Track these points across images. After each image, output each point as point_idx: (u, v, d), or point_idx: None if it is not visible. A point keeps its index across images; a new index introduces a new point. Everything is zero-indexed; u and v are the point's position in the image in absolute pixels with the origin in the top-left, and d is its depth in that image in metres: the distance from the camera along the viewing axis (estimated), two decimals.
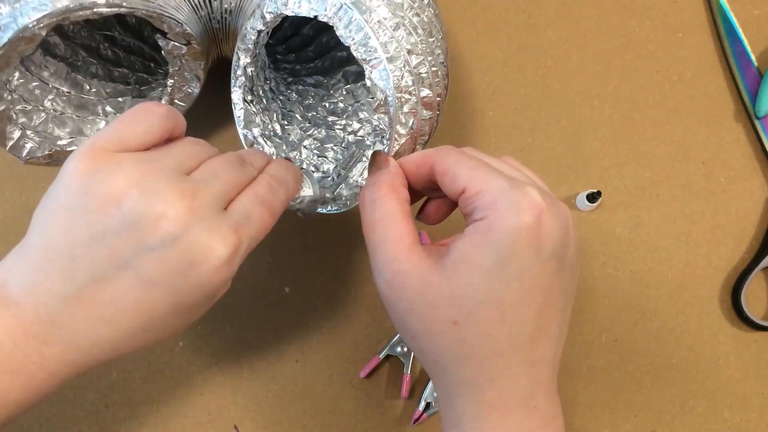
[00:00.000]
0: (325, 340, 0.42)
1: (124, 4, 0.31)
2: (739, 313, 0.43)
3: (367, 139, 0.41)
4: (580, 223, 0.44)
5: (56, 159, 0.38)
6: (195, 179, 0.26)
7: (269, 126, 0.41)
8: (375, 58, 0.31)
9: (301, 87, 0.44)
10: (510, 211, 0.24)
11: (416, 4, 0.34)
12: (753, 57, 0.47)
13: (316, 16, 0.31)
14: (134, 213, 0.24)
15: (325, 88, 0.44)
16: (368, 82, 0.31)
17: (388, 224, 0.26)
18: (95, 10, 0.31)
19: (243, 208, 0.27)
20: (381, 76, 0.31)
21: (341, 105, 0.43)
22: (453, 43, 0.48)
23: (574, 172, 0.45)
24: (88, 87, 0.41)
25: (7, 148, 0.36)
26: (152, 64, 0.42)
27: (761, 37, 0.48)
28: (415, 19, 0.33)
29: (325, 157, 0.41)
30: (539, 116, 0.46)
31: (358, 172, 0.38)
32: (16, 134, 0.36)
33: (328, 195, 0.37)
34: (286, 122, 0.42)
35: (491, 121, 0.46)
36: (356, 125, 0.42)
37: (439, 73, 0.34)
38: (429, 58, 0.33)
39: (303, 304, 0.43)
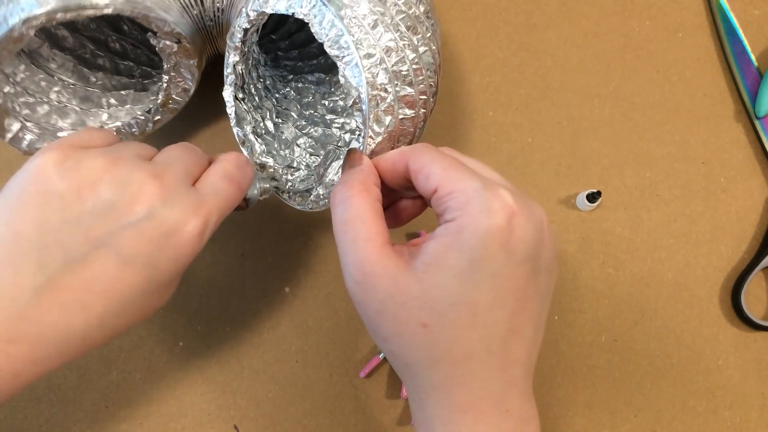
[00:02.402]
0: (325, 340, 0.42)
1: (110, 7, 0.32)
2: (739, 313, 0.43)
3: (344, 138, 0.41)
4: (580, 223, 0.44)
5: None
6: (159, 162, 0.27)
7: (261, 124, 0.41)
8: (347, 55, 0.31)
9: (300, 84, 0.44)
10: (482, 212, 0.23)
11: (401, 2, 0.34)
12: (753, 57, 0.47)
13: (293, 14, 0.32)
14: (110, 194, 0.25)
15: (327, 85, 0.44)
16: (342, 80, 0.31)
17: (358, 224, 0.25)
18: (81, 12, 0.31)
19: (210, 183, 0.28)
20: (353, 73, 0.31)
21: (341, 103, 0.43)
22: (453, 43, 0.48)
23: (574, 172, 0.45)
24: (93, 79, 0.41)
25: (6, 140, 0.36)
26: (156, 58, 0.43)
27: (761, 37, 0.48)
28: (398, 17, 0.33)
29: (318, 156, 0.41)
30: (539, 116, 0.46)
31: (334, 171, 0.38)
32: (15, 126, 0.36)
33: (271, 185, 0.37)
34: (280, 120, 0.42)
35: (491, 121, 0.46)
36: (354, 124, 0.42)
37: (424, 71, 0.34)
38: (411, 56, 0.33)
39: (303, 304, 0.43)
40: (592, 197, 0.43)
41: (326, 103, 0.43)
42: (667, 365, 0.42)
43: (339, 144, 0.41)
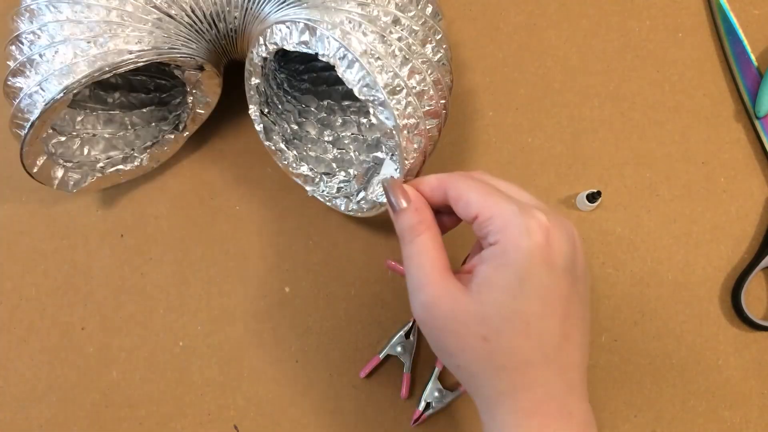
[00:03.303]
0: (325, 340, 0.42)
1: (141, 59, 0.33)
2: (739, 313, 0.43)
3: (363, 123, 0.42)
4: (580, 223, 0.44)
5: (101, 185, 0.41)
6: None
7: (287, 130, 0.42)
8: (377, 98, 0.31)
9: (314, 74, 0.44)
10: (521, 234, 0.26)
11: (412, 14, 0.34)
12: (753, 57, 0.47)
13: (317, 54, 0.32)
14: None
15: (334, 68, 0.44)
16: (373, 119, 0.32)
17: (424, 255, 0.28)
18: (116, 71, 0.33)
19: None
20: (385, 115, 0.32)
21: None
22: (453, 43, 0.48)
23: (574, 172, 0.45)
24: (111, 100, 0.42)
25: (55, 186, 0.38)
26: (167, 67, 0.43)
27: (761, 37, 0.48)
28: (411, 37, 0.33)
29: (344, 148, 0.42)
30: (539, 116, 0.46)
31: (374, 186, 0.39)
32: (60, 173, 0.38)
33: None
34: (303, 119, 0.43)
35: (491, 121, 0.46)
36: (364, 120, 0.43)
37: (441, 79, 0.34)
38: (429, 70, 0.33)
39: (303, 304, 0.43)
40: (592, 197, 0.43)
41: (339, 88, 0.43)
42: (667, 365, 0.42)
43: (360, 129, 0.42)
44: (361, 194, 0.39)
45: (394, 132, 0.32)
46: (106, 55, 0.33)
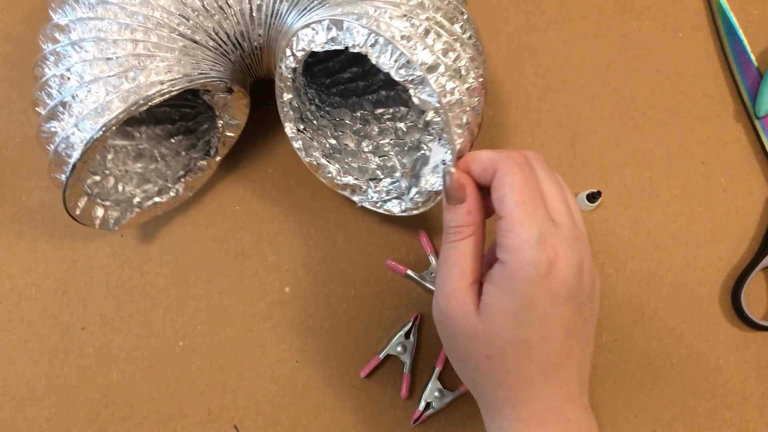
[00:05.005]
0: (325, 340, 0.42)
1: (174, 88, 0.33)
2: (739, 313, 0.43)
3: (401, 128, 0.42)
4: None
5: (140, 219, 0.40)
6: None
7: (326, 144, 0.41)
8: (416, 76, 0.31)
9: (341, 87, 0.44)
10: (530, 265, 0.26)
11: None
12: (753, 57, 0.47)
13: (347, 47, 0.32)
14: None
15: (363, 77, 0.44)
16: (415, 100, 0.31)
17: (458, 262, 0.29)
18: (149, 103, 0.33)
19: None
20: (425, 92, 0.31)
21: (383, 93, 0.43)
22: None
23: (574, 172, 0.45)
24: (137, 134, 0.42)
25: (97, 226, 0.38)
26: (189, 96, 0.43)
27: (761, 37, 0.48)
28: (438, 15, 0.33)
29: (385, 154, 0.41)
30: (539, 116, 0.46)
31: (426, 178, 0.38)
32: (100, 212, 0.38)
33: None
34: (339, 133, 0.42)
35: (491, 121, 0.46)
36: (404, 109, 0.42)
37: (475, 55, 0.34)
38: (462, 47, 0.33)
39: (303, 304, 0.43)
40: (592, 197, 0.43)
41: (370, 98, 0.43)
42: (667, 365, 0.42)
43: (398, 134, 0.42)
44: (413, 190, 0.38)
45: (439, 108, 0.31)
46: (139, 89, 0.33)
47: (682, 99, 0.47)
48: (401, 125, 0.42)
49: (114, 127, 0.32)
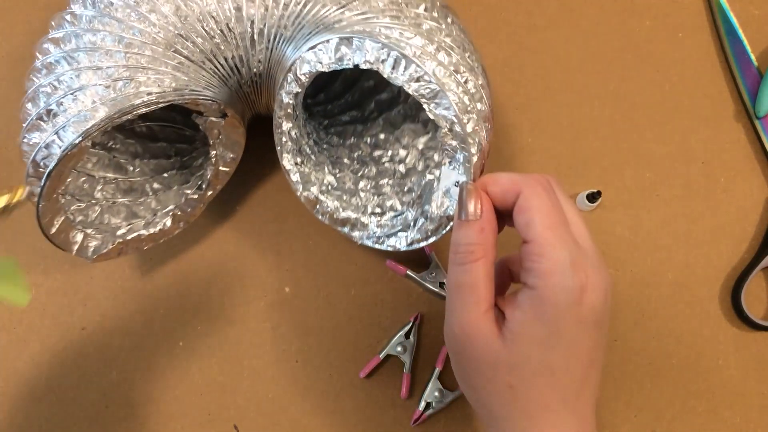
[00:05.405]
0: (325, 340, 0.42)
1: (161, 100, 0.32)
2: (739, 313, 0.43)
3: (399, 170, 0.41)
4: None
5: (122, 251, 0.38)
6: None
7: (324, 181, 0.40)
8: (431, 89, 0.30)
9: (339, 128, 0.43)
10: (563, 290, 0.26)
11: (443, 26, 0.34)
12: (753, 57, 0.47)
13: (356, 65, 0.31)
14: None
15: (362, 121, 0.43)
16: (430, 115, 0.31)
17: (472, 289, 0.28)
18: (135, 112, 0.31)
19: None
20: (442, 104, 0.31)
21: (382, 136, 0.42)
22: None
23: (574, 172, 0.45)
24: (131, 168, 0.41)
25: (74, 252, 0.36)
26: (187, 132, 0.42)
27: (761, 37, 0.48)
28: (447, 40, 0.33)
29: (384, 194, 0.40)
30: (539, 116, 0.46)
31: (437, 203, 0.35)
32: (79, 237, 0.36)
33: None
34: (337, 171, 0.41)
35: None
36: (402, 152, 0.41)
37: (485, 83, 0.33)
38: (472, 73, 0.32)
39: (303, 304, 0.43)
40: (592, 197, 0.43)
41: (367, 140, 0.43)
42: (667, 365, 0.42)
43: (396, 176, 0.41)
44: (420, 220, 0.36)
45: (455, 123, 0.30)
46: (126, 99, 0.32)
47: (682, 99, 0.47)
48: (400, 167, 0.41)
49: (95, 133, 0.31)
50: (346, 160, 0.42)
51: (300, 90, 0.34)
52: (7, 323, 0.42)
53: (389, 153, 0.42)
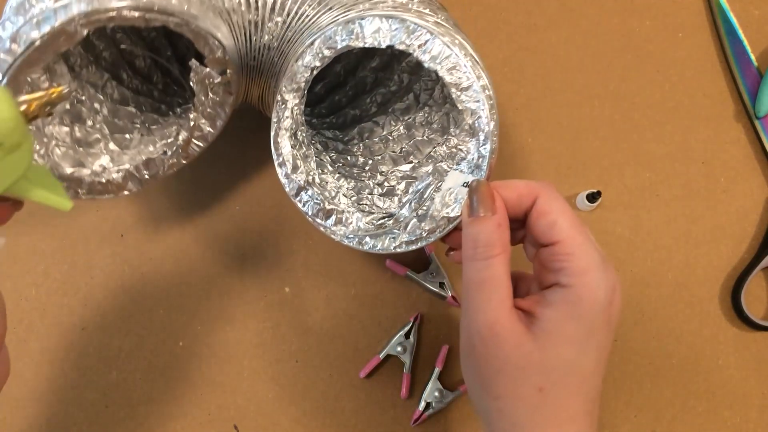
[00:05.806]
0: (325, 340, 0.42)
1: (175, 14, 0.29)
2: (739, 313, 0.43)
3: (442, 168, 0.39)
4: None
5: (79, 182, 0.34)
6: None
7: (311, 173, 0.37)
8: (466, 80, 0.31)
9: (323, 139, 0.43)
10: (599, 289, 0.25)
11: (450, 26, 0.34)
12: (753, 57, 0.47)
13: (392, 46, 0.31)
14: None
15: (342, 142, 0.43)
16: (459, 105, 0.31)
17: (495, 285, 0.26)
18: (147, 15, 0.28)
19: None
20: (474, 97, 0.31)
21: (361, 160, 0.41)
22: None
23: (574, 172, 0.45)
24: (90, 123, 0.37)
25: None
26: (162, 106, 0.40)
27: (761, 37, 0.48)
28: (459, 37, 0.33)
29: (364, 205, 0.38)
30: (539, 116, 0.46)
31: (439, 202, 0.33)
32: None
33: None
34: (320, 171, 0.39)
35: None
36: (380, 177, 0.40)
37: (492, 95, 0.33)
38: (484, 72, 0.32)
39: (303, 304, 0.43)
40: (592, 197, 0.43)
41: (348, 158, 0.42)
42: (667, 365, 0.42)
43: (376, 192, 0.39)
44: (413, 222, 0.35)
45: (481, 115, 0.30)
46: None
47: (682, 99, 0.47)
48: (377, 189, 0.40)
49: (92, 21, 0.27)
50: (329, 167, 0.41)
51: (319, 64, 0.33)
52: (7, 323, 0.42)
53: (368, 174, 0.41)
